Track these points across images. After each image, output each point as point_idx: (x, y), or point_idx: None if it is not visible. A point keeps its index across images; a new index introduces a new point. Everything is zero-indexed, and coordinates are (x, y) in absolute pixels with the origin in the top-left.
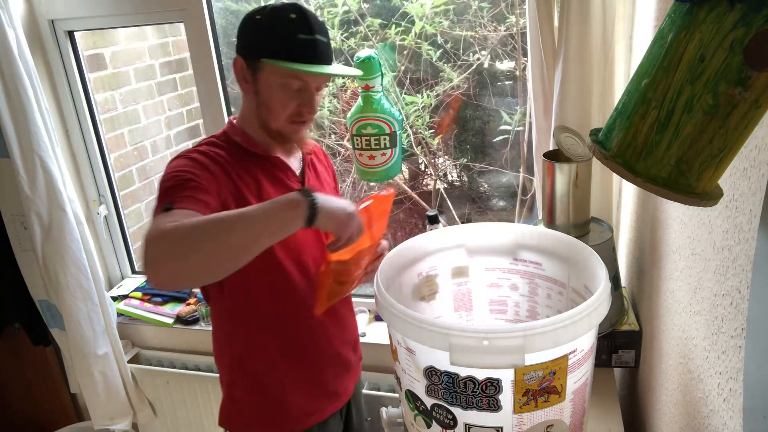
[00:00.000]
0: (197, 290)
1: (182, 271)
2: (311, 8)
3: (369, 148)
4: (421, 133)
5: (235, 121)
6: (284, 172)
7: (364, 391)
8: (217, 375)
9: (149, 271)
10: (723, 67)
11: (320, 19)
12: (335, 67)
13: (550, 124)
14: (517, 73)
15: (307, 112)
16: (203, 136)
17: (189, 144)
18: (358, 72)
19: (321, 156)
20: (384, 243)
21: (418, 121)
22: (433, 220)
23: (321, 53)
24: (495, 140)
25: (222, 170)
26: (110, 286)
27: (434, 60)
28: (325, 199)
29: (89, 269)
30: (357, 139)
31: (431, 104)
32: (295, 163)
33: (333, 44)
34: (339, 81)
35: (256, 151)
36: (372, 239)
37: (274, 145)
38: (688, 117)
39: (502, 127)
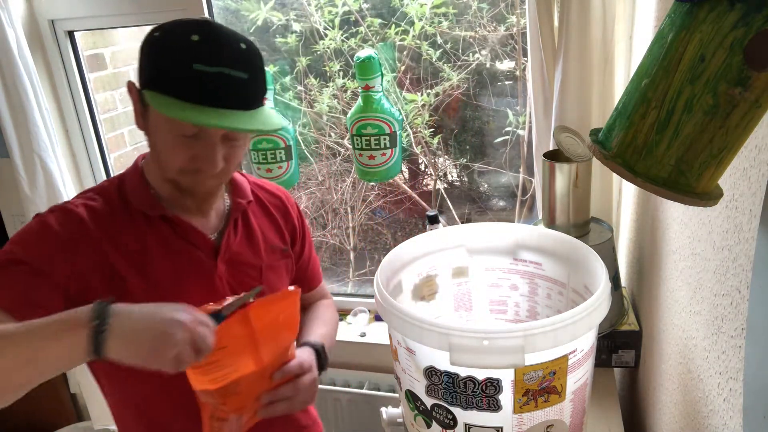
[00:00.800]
0: None
1: None
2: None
3: (369, 148)
4: (421, 132)
5: (141, 162)
6: (188, 237)
7: (365, 391)
8: None
9: None
10: (723, 67)
11: (242, 45)
12: (237, 118)
13: (550, 124)
14: (517, 73)
15: (206, 167)
16: None
17: None
18: (273, 127)
19: (274, 202)
20: (294, 362)
21: (417, 119)
22: (433, 220)
23: (227, 93)
24: (497, 140)
25: (84, 240)
26: None
27: (434, 60)
28: (130, 315)
29: None
30: (357, 139)
31: (431, 103)
32: (215, 222)
33: (333, 45)
34: (339, 81)
35: (145, 209)
36: (259, 361)
37: (179, 201)
38: (688, 117)
39: (508, 128)
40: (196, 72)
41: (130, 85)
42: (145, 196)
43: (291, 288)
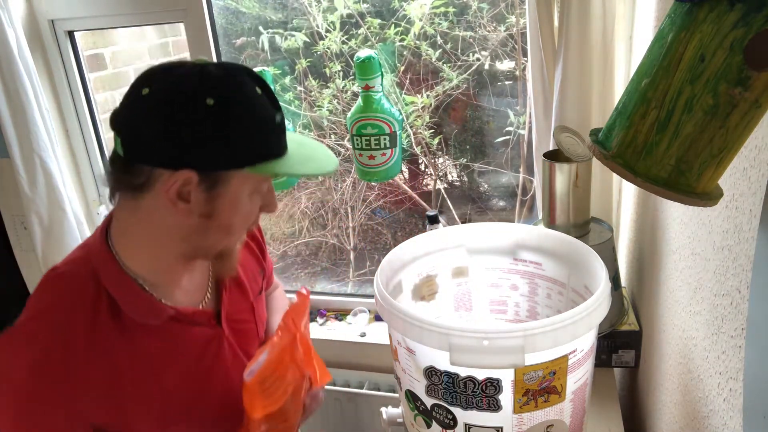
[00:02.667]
0: None
1: None
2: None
3: (369, 148)
4: (421, 133)
5: (111, 246)
6: (191, 323)
7: (365, 391)
8: None
9: None
10: (723, 67)
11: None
12: (325, 161)
13: (550, 124)
14: (517, 73)
15: (270, 210)
16: None
17: None
18: (329, 169)
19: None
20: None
21: (417, 121)
22: (433, 220)
23: (285, 133)
24: (498, 140)
25: (86, 389)
26: None
27: (434, 60)
28: None
29: None
30: (357, 139)
31: (431, 105)
32: (198, 280)
33: (334, 46)
34: (339, 82)
35: (149, 320)
36: (301, 371)
37: (180, 272)
38: (688, 117)
39: (509, 128)
40: (278, 125)
41: (182, 175)
42: (142, 303)
43: (303, 291)
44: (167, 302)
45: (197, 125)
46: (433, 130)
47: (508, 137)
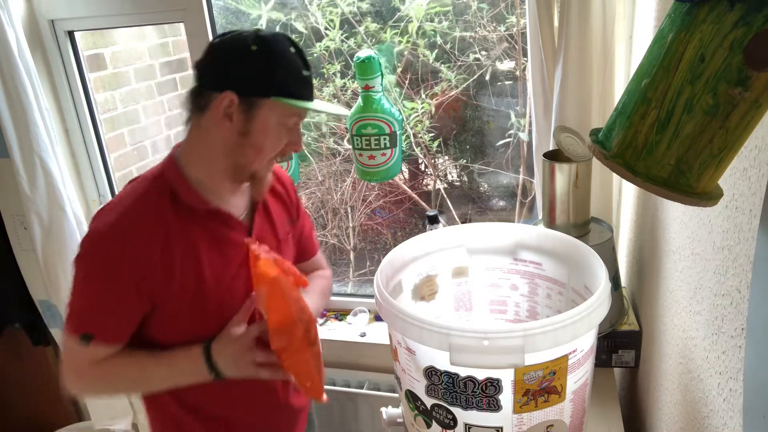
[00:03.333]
0: None
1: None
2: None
3: (369, 148)
4: (421, 136)
5: (176, 156)
6: (228, 224)
7: (365, 391)
8: None
9: (68, 389)
10: (723, 67)
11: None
12: (333, 105)
13: (550, 124)
14: (517, 73)
15: (295, 149)
16: None
17: None
18: (346, 112)
19: (277, 181)
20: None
21: (418, 126)
22: (433, 220)
23: (313, 88)
24: (499, 143)
25: (146, 254)
26: None
27: (432, 60)
28: (219, 356)
29: None
30: (357, 139)
31: (431, 111)
32: (240, 200)
33: (333, 45)
34: (339, 81)
35: (195, 204)
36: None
37: (226, 188)
38: (688, 117)
39: (510, 131)
40: (305, 77)
41: (227, 96)
42: (192, 192)
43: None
44: (213, 203)
45: (242, 62)
46: (433, 134)
47: (509, 140)
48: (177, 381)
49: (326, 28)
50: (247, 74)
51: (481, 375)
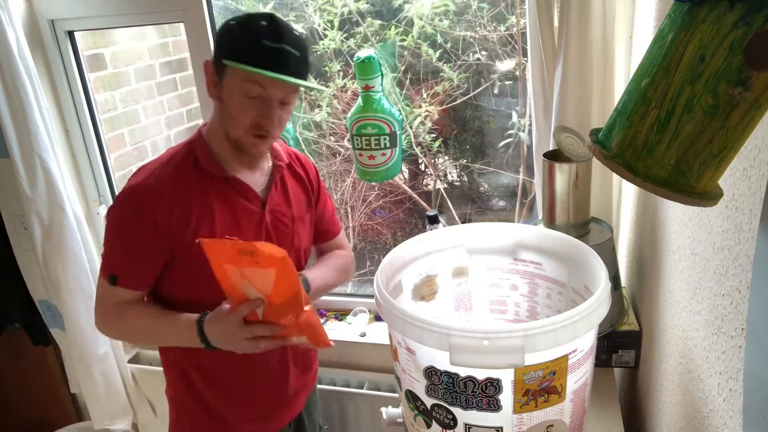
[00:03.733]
0: None
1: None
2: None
3: (369, 148)
4: (423, 137)
5: (204, 130)
6: (243, 193)
7: (365, 391)
8: None
9: (100, 331)
10: (723, 67)
11: (297, 33)
12: (292, 78)
13: (550, 124)
14: (517, 73)
15: (266, 124)
16: None
17: None
18: (322, 88)
19: (299, 166)
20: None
21: (420, 128)
22: (433, 220)
23: (287, 64)
24: (501, 144)
25: (168, 206)
26: None
27: (434, 60)
28: (210, 327)
29: (89, 269)
30: (357, 139)
31: (434, 113)
32: (260, 179)
33: (333, 45)
34: (339, 81)
35: (212, 171)
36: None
37: (237, 160)
38: (688, 117)
39: (511, 131)
40: (266, 46)
41: (207, 63)
42: (211, 160)
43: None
44: (231, 173)
45: (219, 34)
46: (434, 135)
47: (510, 140)
48: (177, 341)
49: (324, 29)
50: (217, 43)
51: (481, 375)
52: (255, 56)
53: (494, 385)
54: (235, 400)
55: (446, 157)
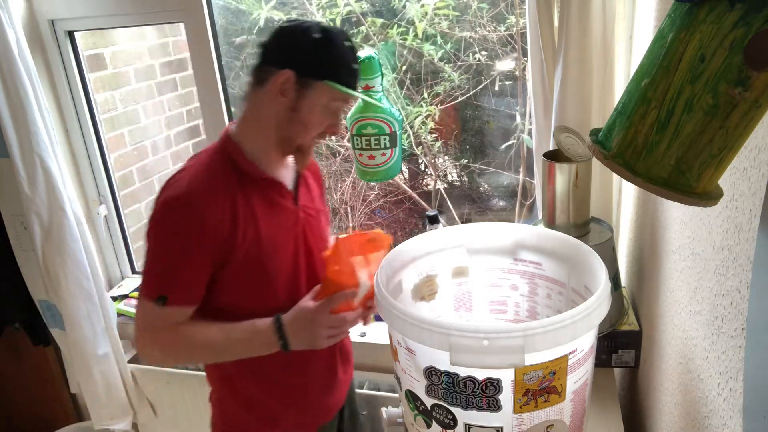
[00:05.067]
0: None
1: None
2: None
3: (369, 148)
4: (424, 138)
5: (231, 131)
6: (279, 192)
7: (365, 391)
8: None
9: (141, 358)
10: (723, 67)
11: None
12: (372, 100)
13: (550, 124)
14: (517, 73)
15: (335, 131)
16: (203, 137)
17: (189, 144)
18: (379, 104)
19: (311, 171)
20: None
21: (422, 129)
22: (433, 220)
23: (357, 80)
24: (503, 146)
25: (217, 210)
26: (110, 286)
27: (435, 60)
28: (291, 327)
29: (89, 269)
30: (357, 139)
31: (435, 113)
32: (288, 175)
33: None
34: None
35: (251, 172)
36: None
37: (273, 161)
38: (688, 117)
39: (515, 133)
40: (354, 70)
41: (285, 73)
42: (248, 162)
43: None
44: (266, 173)
45: (304, 46)
46: (435, 135)
47: (513, 141)
48: (248, 351)
49: None
50: (307, 57)
51: (481, 375)
52: (350, 80)
53: (494, 385)
54: (290, 399)
55: (446, 157)
